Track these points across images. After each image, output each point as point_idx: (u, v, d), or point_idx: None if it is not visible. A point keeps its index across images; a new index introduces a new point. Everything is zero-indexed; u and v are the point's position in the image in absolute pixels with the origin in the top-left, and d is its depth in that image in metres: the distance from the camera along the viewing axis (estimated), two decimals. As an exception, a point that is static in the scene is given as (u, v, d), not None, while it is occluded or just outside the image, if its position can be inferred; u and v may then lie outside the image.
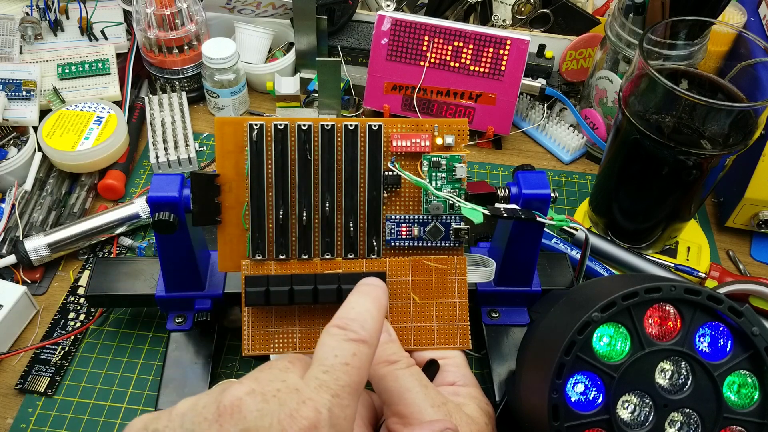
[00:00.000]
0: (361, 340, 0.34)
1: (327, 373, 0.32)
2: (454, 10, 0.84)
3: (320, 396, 0.31)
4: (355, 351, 0.33)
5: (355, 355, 0.33)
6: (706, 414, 0.39)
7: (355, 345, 0.34)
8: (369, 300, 0.36)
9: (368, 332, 0.34)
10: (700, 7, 0.64)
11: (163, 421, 0.31)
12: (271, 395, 0.30)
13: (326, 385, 0.32)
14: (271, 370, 0.33)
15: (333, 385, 0.32)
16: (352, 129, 0.47)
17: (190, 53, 0.79)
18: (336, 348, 0.33)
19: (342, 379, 0.32)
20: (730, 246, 0.71)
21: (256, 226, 0.48)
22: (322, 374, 0.32)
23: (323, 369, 0.32)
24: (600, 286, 0.45)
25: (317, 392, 0.31)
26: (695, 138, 0.55)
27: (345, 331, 0.34)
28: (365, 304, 0.36)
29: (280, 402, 0.30)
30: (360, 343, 0.34)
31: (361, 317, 0.35)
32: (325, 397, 0.31)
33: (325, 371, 0.32)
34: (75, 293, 0.63)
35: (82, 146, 0.69)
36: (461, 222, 0.49)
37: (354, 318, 0.35)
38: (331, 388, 0.32)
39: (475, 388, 0.46)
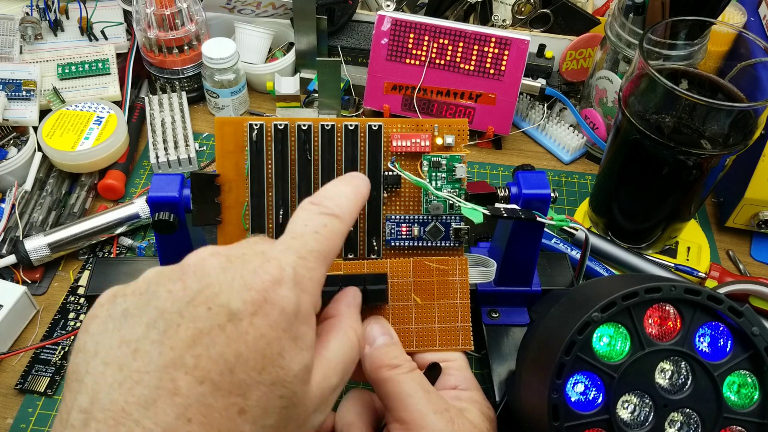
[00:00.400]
0: (333, 214, 0.34)
1: (295, 239, 0.33)
2: (454, 10, 0.84)
3: (285, 256, 0.31)
4: (326, 222, 0.34)
5: (326, 226, 0.34)
6: (706, 414, 0.39)
7: (327, 218, 0.34)
8: (346, 184, 0.37)
9: (341, 209, 0.35)
10: (700, 7, 0.64)
11: (131, 287, 0.32)
12: (235, 257, 0.31)
13: (293, 248, 0.32)
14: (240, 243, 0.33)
15: (300, 248, 0.32)
16: (352, 129, 0.47)
17: (190, 53, 0.79)
18: (306, 219, 0.34)
19: (309, 245, 0.33)
20: (730, 246, 0.71)
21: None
22: (290, 240, 0.33)
23: (292, 236, 0.33)
24: (600, 286, 0.45)
25: (283, 253, 0.32)
26: (695, 138, 0.55)
27: (318, 206, 0.35)
28: (341, 187, 0.36)
29: (244, 261, 0.31)
30: (332, 216, 0.34)
31: (336, 197, 0.35)
32: (291, 257, 0.31)
33: (294, 237, 0.33)
34: (75, 293, 0.63)
35: (82, 146, 0.69)
36: (461, 222, 0.49)
37: (327, 196, 0.35)
38: (297, 250, 0.32)
39: (477, 392, 0.46)
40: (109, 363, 0.29)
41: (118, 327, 0.30)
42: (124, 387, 0.28)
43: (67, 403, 0.29)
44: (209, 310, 0.29)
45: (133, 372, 0.28)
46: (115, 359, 0.29)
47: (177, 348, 0.29)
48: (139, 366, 0.28)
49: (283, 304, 0.30)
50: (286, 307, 0.30)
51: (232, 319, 0.29)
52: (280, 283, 0.30)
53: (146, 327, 0.30)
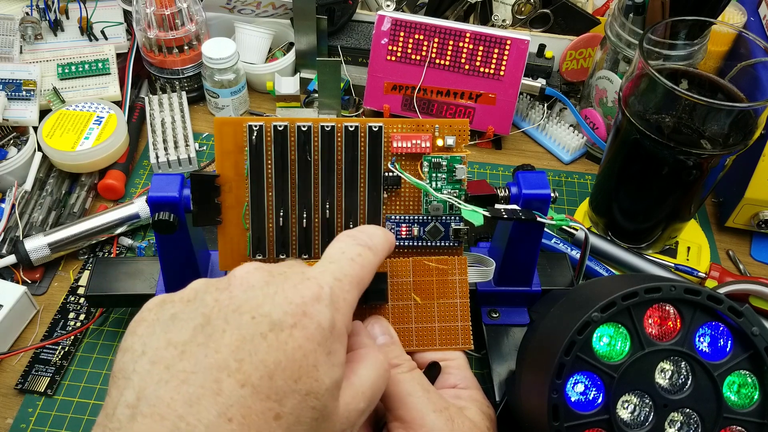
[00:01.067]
0: (368, 246, 0.37)
1: (333, 263, 0.36)
2: (454, 10, 0.84)
3: (324, 276, 0.34)
4: (361, 252, 0.37)
5: (361, 255, 0.37)
6: (706, 414, 0.39)
7: (362, 248, 0.37)
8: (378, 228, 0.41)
9: (375, 244, 0.38)
10: (700, 7, 0.64)
11: (178, 294, 0.34)
12: (278, 273, 0.34)
13: (330, 270, 0.35)
14: (281, 263, 0.36)
15: (337, 271, 0.35)
16: (352, 130, 0.47)
17: (190, 53, 0.79)
18: (343, 247, 0.37)
19: (345, 269, 0.35)
20: (730, 246, 0.71)
21: (256, 226, 0.48)
22: (329, 264, 0.36)
23: (330, 261, 0.36)
24: (600, 286, 0.45)
25: (321, 274, 0.34)
26: (695, 138, 0.55)
27: (354, 238, 0.38)
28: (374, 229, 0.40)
29: (285, 277, 0.33)
30: (366, 248, 0.37)
31: (370, 232, 0.39)
32: (329, 278, 0.34)
33: (331, 262, 0.36)
34: (75, 293, 0.63)
35: (82, 146, 0.69)
36: (461, 222, 0.49)
37: (363, 231, 0.39)
38: (334, 273, 0.35)
39: (477, 391, 0.46)
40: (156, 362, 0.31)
41: (166, 330, 0.32)
42: (170, 385, 0.30)
43: (113, 399, 0.31)
44: (253, 318, 0.31)
45: (179, 371, 0.30)
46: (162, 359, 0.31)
47: (222, 352, 0.30)
48: (185, 366, 0.30)
49: (320, 319, 0.32)
50: (322, 322, 0.32)
51: (274, 329, 0.31)
52: (318, 299, 0.33)
53: (193, 331, 0.32)
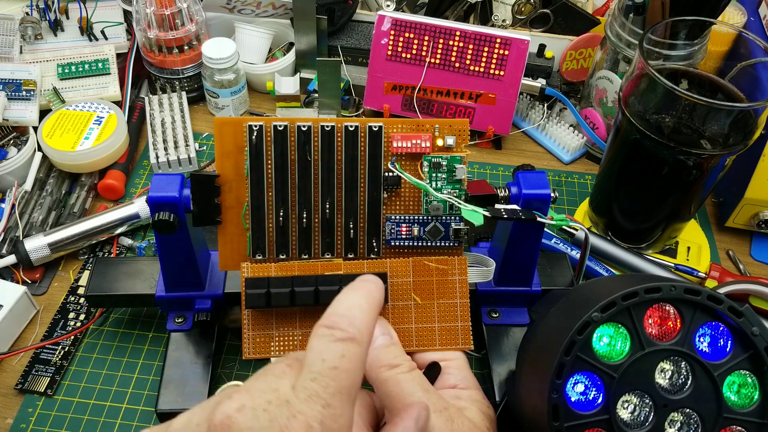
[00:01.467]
0: (350, 338, 0.32)
1: (315, 380, 0.30)
2: (454, 10, 0.84)
3: (310, 408, 0.29)
4: (344, 352, 0.31)
5: (344, 356, 0.31)
6: (706, 414, 0.39)
7: (343, 345, 0.32)
8: (358, 294, 0.35)
9: (357, 328, 0.32)
10: (700, 7, 0.64)
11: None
12: (261, 410, 0.29)
13: (316, 395, 0.30)
14: (266, 377, 0.31)
15: (323, 393, 0.30)
16: (352, 130, 0.47)
17: (190, 53, 0.79)
18: (323, 351, 0.31)
19: (331, 386, 0.30)
20: (730, 246, 0.71)
21: (256, 226, 0.48)
22: (310, 383, 0.30)
23: (311, 377, 0.31)
24: (600, 286, 0.45)
25: (307, 404, 0.30)
26: (695, 138, 0.55)
27: (332, 330, 0.32)
28: (354, 299, 0.34)
29: (270, 417, 0.29)
30: (348, 342, 0.32)
31: (350, 312, 0.33)
32: (316, 408, 0.30)
33: (313, 379, 0.30)
34: (75, 293, 0.63)
35: (82, 146, 0.69)
36: (461, 222, 0.49)
37: (342, 314, 0.33)
38: (321, 397, 0.30)
39: (477, 391, 0.46)
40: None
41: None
42: None
43: None
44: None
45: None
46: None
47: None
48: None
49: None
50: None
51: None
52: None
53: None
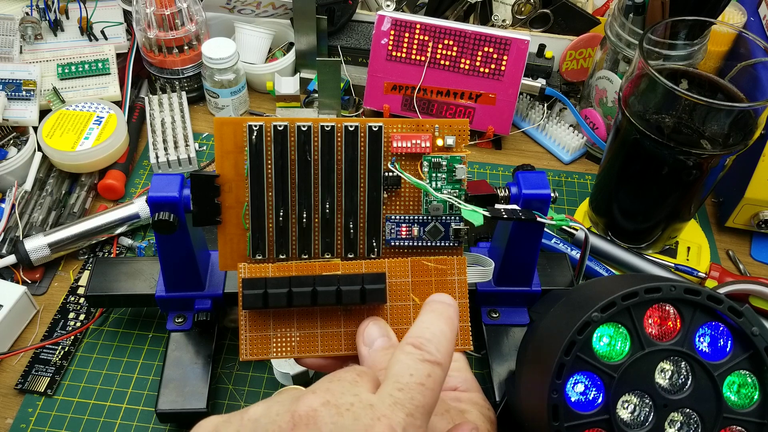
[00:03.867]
0: (437, 362, 0.33)
1: (402, 391, 0.32)
2: (454, 10, 0.84)
3: (395, 414, 0.30)
4: (430, 372, 0.33)
5: (430, 376, 0.33)
6: (706, 414, 0.39)
7: (431, 366, 0.33)
8: (443, 321, 0.36)
9: (443, 355, 0.34)
10: (700, 7, 0.64)
11: (234, 425, 0.31)
12: (345, 408, 0.30)
13: (401, 404, 0.31)
14: (341, 383, 0.32)
15: (408, 404, 0.31)
16: (352, 130, 0.47)
17: (190, 53, 0.79)
18: (411, 367, 0.33)
19: (417, 399, 0.32)
20: (730, 246, 0.71)
21: (256, 226, 0.48)
22: (397, 392, 0.32)
23: (398, 387, 0.32)
24: (600, 286, 0.44)
25: (392, 410, 0.31)
26: (695, 138, 0.55)
27: (421, 352, 0.34)
28: (440, 325, 0.36)
29: (355, 416, 0.30)
30: (435, 365, 0.33)
31: (436, 339, 0.35)
32: (400, 415, 0.31)
33: (400, 389, 0.32)
34: (75, 293, 0.63)
35: (82, 146, 0.69)
36: (461, 222, 0.49)
37: (429, 339, 0.34)
38: (405, 406, 0.31)
39: (477, 393, 0.46)
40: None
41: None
42: None
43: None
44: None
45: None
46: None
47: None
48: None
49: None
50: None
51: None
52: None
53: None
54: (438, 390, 0.33)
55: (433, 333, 0.35)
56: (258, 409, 0.31)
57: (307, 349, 0.48)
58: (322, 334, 0.46)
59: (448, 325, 0.36)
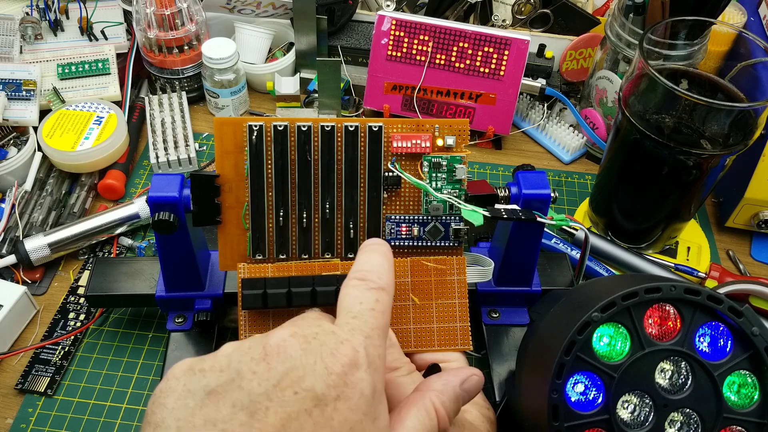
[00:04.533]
0: (380, 288, 0.36)
1: (356, 318, 0.34)
2: (454, 10, 0.84)
3: (355, 337, 0.33)
4: (377, 298, 0.36)
5: (378, 301, 0.35)
6: (706, 414, 0.39)
7: (377, 292, 0.36)
8: (379, 254, 0.39)
9: (385, 281, 0.37)
10: (700, 7, 0.64)
11: (209, 362, 0.32)
12: (311, 337, 0.32)
13: (358, 329, 0.33)
14: (305, 320, 0.34)
15: (364, 327, 0.34)
16: (352, 130, 0.47)
17: (190, 53, 0.79)
18: (359, 296, 0.36)
19: (370, 323, 0.34)
20: (730, 246, 0.71)
21: (256, 226, 0.48)
22: (352, 319, 0.34)
23: (352, 315, 0.34)
24: (600, 286, 0.44)
25: (351, 334, 0.33)
26: (695, 138, 0.55)
27: (365, 282, 0.36)
28: (377, 258, 0.38)
29: (321, 342, 0.32)
30: (380, 290, 0.36)
31: (376, 269, 0.37)
32: (359, 338, 0.33)
33: (354, 317, 0.34)
34: (75, 293, 0.63)
35: (82, 146, 0.69)
36: (461, 222, 0.49)
37: (370, 270, 0.37)
38: (362, 330, 0.33)
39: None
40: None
41: (200, 404, 0.30)
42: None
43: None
44: (296, 394, 0.30)
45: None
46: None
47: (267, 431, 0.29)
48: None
49: (362, 387, 0.31)
50: (364, 390, 0.31)
51: (318, 404, 0.30)
52: (356, 365, 0.31)
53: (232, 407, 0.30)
54: (387, 313, 0.36)
55: (372, 265, 0.38)
56: (230, 346, 0.33)
57: None
58: (322, 334, 0.46)
59: (384, 257, 0.39)
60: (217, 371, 0.31)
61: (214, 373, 0.31)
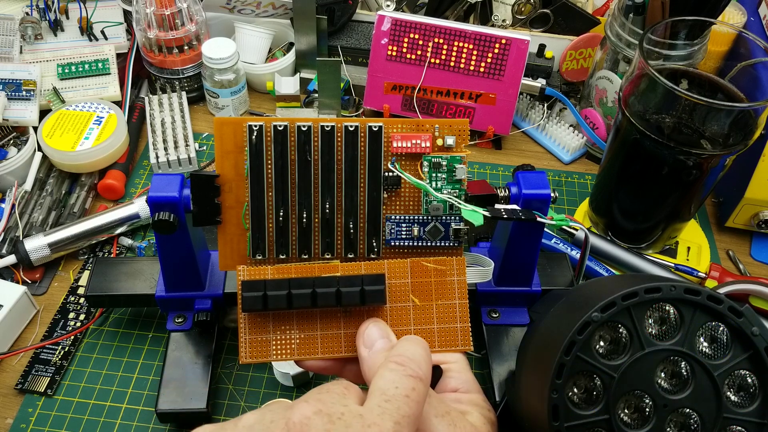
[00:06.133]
0: (419, 377, 0.35)
1: (389, 402, 0.33)
2: (454, 10, 0.84)
3: (384, 422, 0.32)
4: (414, 386, 0.34)
5: (414, 389, 0.34)
6: (706, 414, 0.39)
7: (414, 380, 0.35)
8: (419, 346, 0.38)
9: (424, 372, 0.36)
10: (700, 7, 0.64)
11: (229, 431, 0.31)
12: (336, 417, 0.31)
13: (389, 413, 0.32)
14: (330, 394, 0.33)
15: (395, 413, 0.32)
16: (352, 130, 0.47)
17: (190, 53, 0.79)
18: (396, 381, 0.34)
19: (403, 409, 0.33)
20: (730, 246, 0.71)
21: (256, 226, 0.48)
22: (385, 403, 0.33)
23: (385, 398, 0.33)
24: (600, 286, 0.44)
25: (381, 418, 0.32)
26: (695, 138, 0.55)
27: (404, 367, 0.35)
28: (417, 349, 0.38)
29: (346, 424, 0.31)
30: (418, 380, 0.35)
31: (417, 358, 0.37)
32: (389, 423, 0.32)
33: (387, 400, 0.33)
34: (75, 293, 0.63)
35: (82, 146, 0.69)
36: (461, 222, 0.49)
37: (411, 358, 0.36)
38: (393, 415, 0.32)
39: (478, 394, 0.46)
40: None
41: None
42: None
43: None
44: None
45: None
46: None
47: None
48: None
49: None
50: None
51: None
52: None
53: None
54: (422, 403, 0.35)
55: (413, 353, 0.37)
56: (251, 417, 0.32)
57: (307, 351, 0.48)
58: (322, 336, 0.46)
59: (425, 350, 0.38)
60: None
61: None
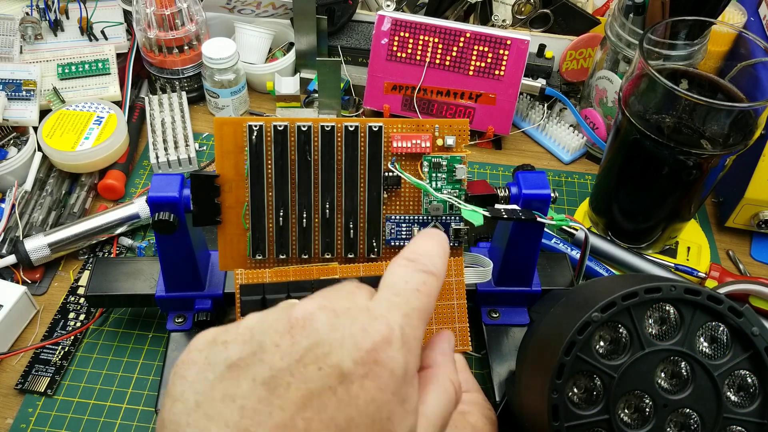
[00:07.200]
0: (430, 272, 0.34)
1: (398, 296, 0.32)
2: (454, 10, 0.84)
3: (392, 314, 0.30)
4: (425, 280, 0.33)
5: (425, 283, 0.33)
6: (706, 414, 0.39)
7: (425, 275, 0.33)
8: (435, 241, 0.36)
9: (437, 267, 0.34)
10: (700, 7, 0.64)
11: (231, 334, 0.30)
12: (342, 311, 0.30)
13: (397, 306, 0.31)
14: (338, 291, 0.32)
15: (404, 306, 0.31)
16: (352, 130, 0.47)
17: (190, 53, 0.79)
18: (406, 276, 0.33)
19: (412, 303, 0.32)
20: (730, 246, 0.71)
21: (256, 226, 0.48)
22: (393, 296, 0.32)
23: (394, 292, 0.32)
24: (600, 286, 0.44)
25: (389, 311, 0.31)
26: (695, 138, 0.55)
27: (414, 263, 0.34)
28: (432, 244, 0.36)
29: (352, 318, 0.30)
30: (429, 274, 0.33)
31: (429, 253, 0.35)
32: (397, 315, 0.31)
33: (396, 294, 0.32)
34: (75, 293, 0.63)
35: (82, 146, 0.69)
36: (461, 222, 0.49)
37: (422, 253, 0.35)
38: (402, 308, 0.31)
39: (478, 394, 0.46)
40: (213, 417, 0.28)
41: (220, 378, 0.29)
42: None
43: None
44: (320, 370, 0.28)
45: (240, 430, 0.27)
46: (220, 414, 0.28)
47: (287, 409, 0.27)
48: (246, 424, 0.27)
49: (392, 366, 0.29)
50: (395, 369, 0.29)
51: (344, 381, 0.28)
52: (389, 343, 0.29)
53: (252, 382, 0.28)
54: (434, 298, 0.33)
55: (426, 249, 0.35)
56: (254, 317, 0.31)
57: None
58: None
59: (440, 245, 0.36)
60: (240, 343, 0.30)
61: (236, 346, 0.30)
